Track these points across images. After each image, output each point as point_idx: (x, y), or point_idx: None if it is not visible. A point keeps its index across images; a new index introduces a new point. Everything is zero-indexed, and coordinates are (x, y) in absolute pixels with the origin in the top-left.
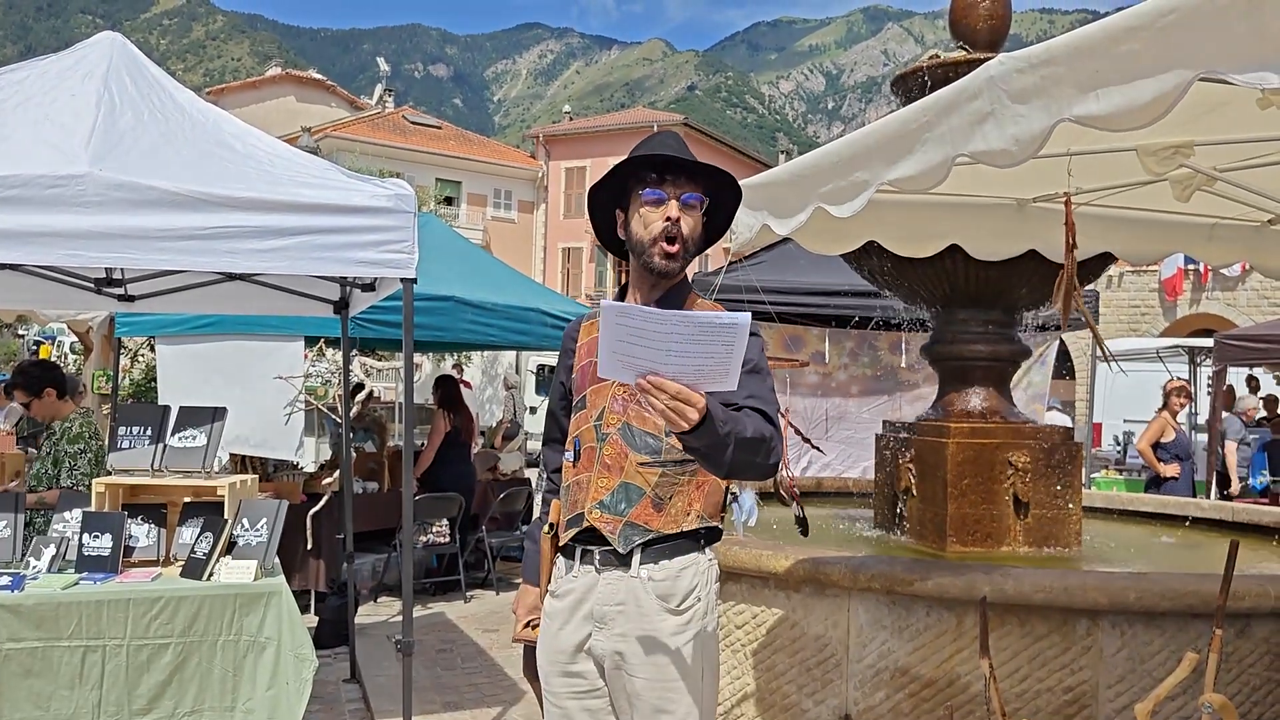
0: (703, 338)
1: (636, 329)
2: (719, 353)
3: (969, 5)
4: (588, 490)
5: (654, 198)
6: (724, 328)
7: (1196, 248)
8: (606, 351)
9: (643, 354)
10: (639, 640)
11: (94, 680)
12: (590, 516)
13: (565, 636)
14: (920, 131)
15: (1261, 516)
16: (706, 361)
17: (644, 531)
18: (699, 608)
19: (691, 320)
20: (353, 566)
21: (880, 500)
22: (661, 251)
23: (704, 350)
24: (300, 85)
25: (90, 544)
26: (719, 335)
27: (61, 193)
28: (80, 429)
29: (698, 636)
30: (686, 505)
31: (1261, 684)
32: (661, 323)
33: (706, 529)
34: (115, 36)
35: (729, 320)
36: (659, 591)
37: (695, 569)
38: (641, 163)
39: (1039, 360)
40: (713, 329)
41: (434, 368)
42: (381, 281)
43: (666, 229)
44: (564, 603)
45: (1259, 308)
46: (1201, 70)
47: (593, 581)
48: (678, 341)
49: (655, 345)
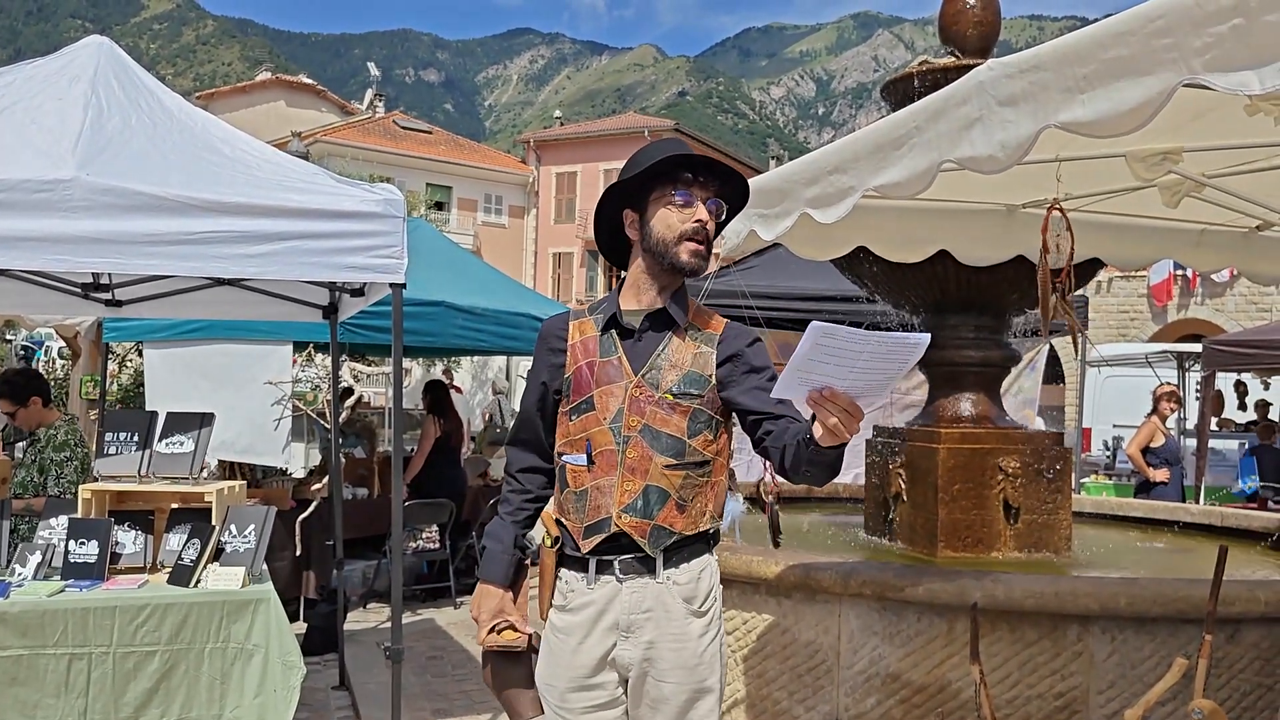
0: (886, 356)
1: (836, 349)
2: (891, 370)
3: (959, 11)
4: (613, 495)
5: (684, 199)
6: (911, 348)
7: (1185, 253)
8: (792, 369)
9: (828, 371)
10: (669, 645)
11: (80, 688)
12: (619, 521)
13: (587, 651)
14: (908, 137)
15: (1250, 521)
16: (877, 378)
17: (669, 534)
18: (716, 608)
19: (887, 340)
20: (342, 573)
21: (871, 506)
22: (690, 250)
23: (882, 367)
24: (290, 90)
25: (76, 551)
26: (900, 354)
27: (48, 197)
28: (66, 436)
29: (717, 637)
30: (703, 506)
31: (1251, 689)
32: (863, 343)
33: (714, 530)
34: (103, 40)
35: (916, 341)
36: (684, 595)
37: (710, 569)
38: (675, 163)
39: (1029, 366)
40: (902, 348)
41: (424, 373)
42: (371, 286)
43: (696, 229)
44: (581, 616)
45: (1247, 313)
46: (1186, 76)
47: (614, 591)
48: (866, 360)
49: (843, 363)
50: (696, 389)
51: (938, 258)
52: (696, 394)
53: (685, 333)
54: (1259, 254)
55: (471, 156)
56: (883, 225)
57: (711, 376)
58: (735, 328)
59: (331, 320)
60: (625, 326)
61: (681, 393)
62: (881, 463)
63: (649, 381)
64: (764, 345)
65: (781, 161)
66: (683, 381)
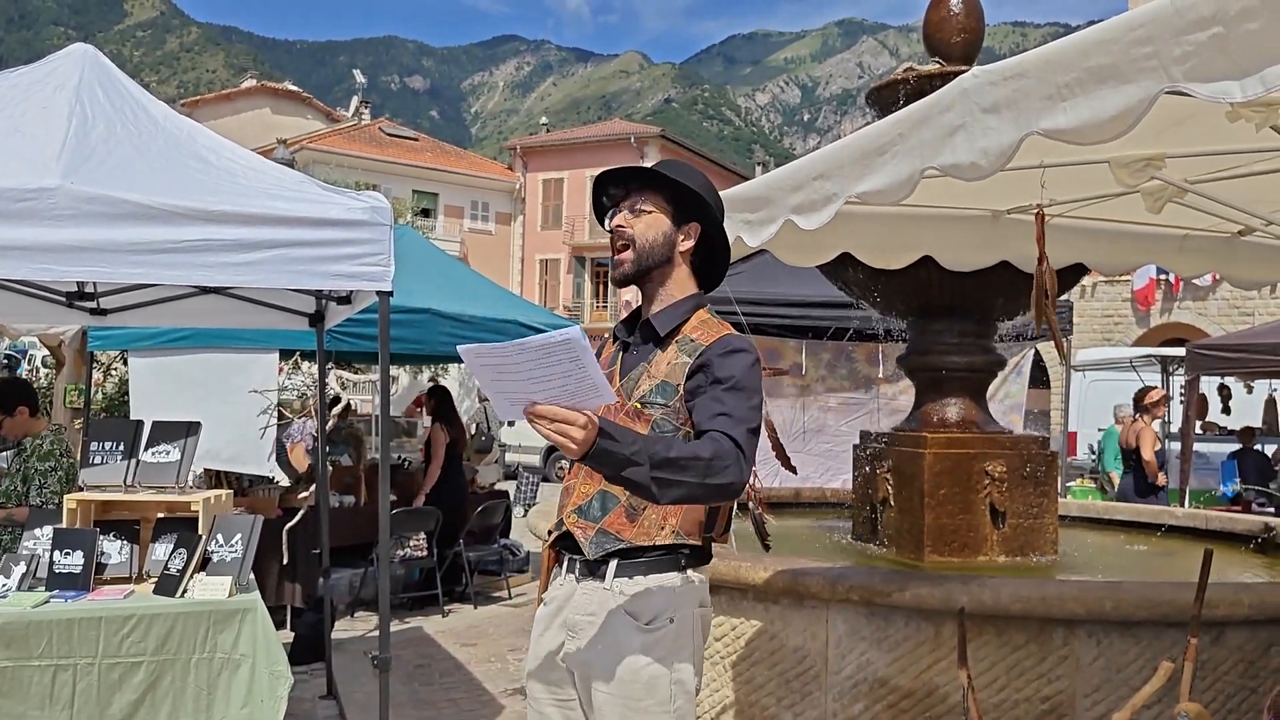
0: (549, 360)
1: (496, 365)
2: (573, 370)
3: (942, 19)
4: (572, 496)
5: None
6: (559, 345)
7: (1168, 259)
8: (490, 394)
9: (514, 387)
10: (605, 654)
11: (65, 700)
12: (568, 521)
13: (544, 643)
14: (891, 144)
15: (1235, 524)
16: (568, 382)
17: (615, 540)
18: (670, 630)
19: (527, 346)
20: (329, 581)
21: (858, 511)
22: (614, 263)
23: (559, 371)
24: (276, 97)
25: (61, 561)
26: (558, 353)
27: (32, 206)
28: (51, 446)
29: (666, 659)
30: (661, 518)
31: (1235, 692)
32: (506, 355)
33: (688, 548)
34: (87, 48)
35: (560, 337)
36: (631, 607)
37: (671, 590)
38: (597, 191)
39: (1015, 370)
40: (549, 348)
41: (411, 380)
42: (357, 294)
43: (613, 238)
44: (547, 609)
45: (1229, 317)
46: (1167, 85)
47: (571, 590)
48: (532, 369)
49: (519, 377)
50: (663, 398)
51: (922, 263)
52: (661, 403)
53: (670, 343)
54: (1241, 259)
55: (458, 163)
56: (868, 231)
57: (680, 386)
58: (725, 338)
59: (318, 328)
60: (620, 339)
61: (647, 401)
62: (868, 468)
63: (625, 390)
64: (749, 356)
65: (767, 168)
66: (653, 391)
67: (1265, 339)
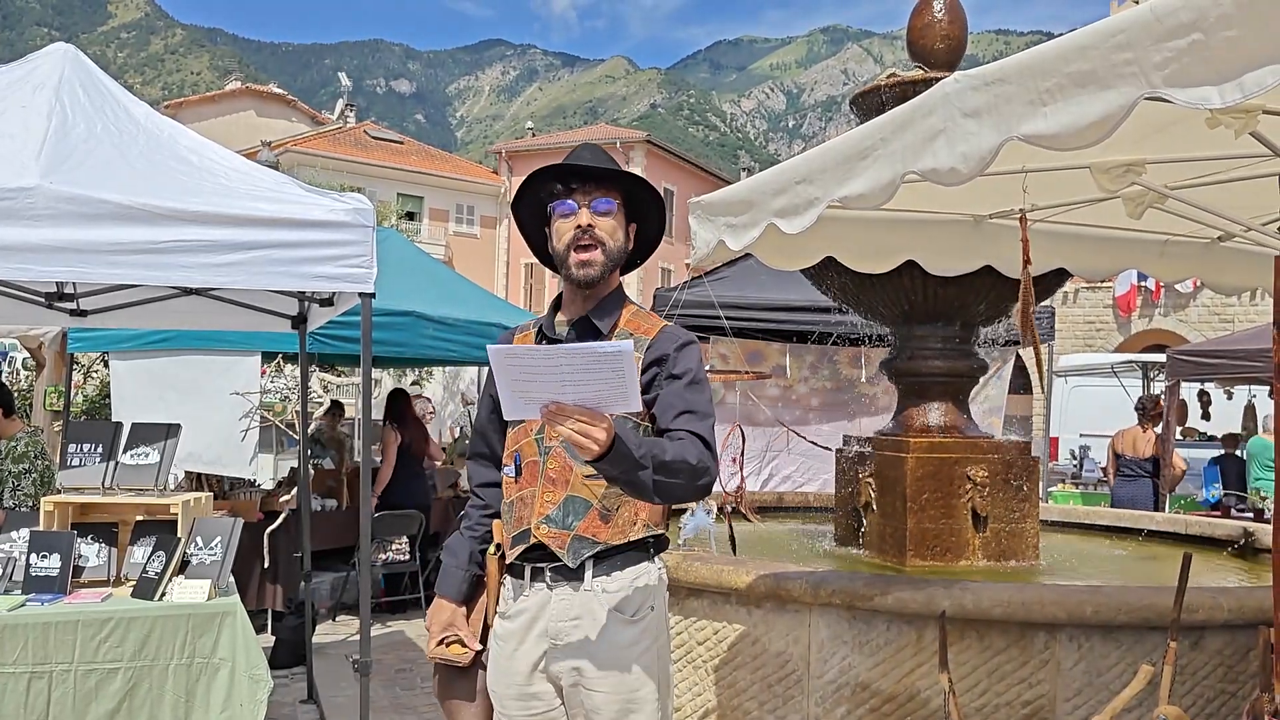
0: (594, 366)
1: (527, 367)
2: (612, 379)
3: (926, 26)
4: (533, 506)
5: (565, 209)
6: (611, 356)
7: (1149, 264)
8: (506, 394)
9: (540, 390)
10: (597, 654)
11: (40, 710)
12: (537, 532)
13: (521, 658)
14: (873, 149)
15: (1214, 529)
16: (603, 389)
17: (592, 544)
18: (653, 617)
19: (577, 353)
20: (310, 585)
21: (841, 515)
22: (577, 261)
23: (597, 378)
24: (261, 99)
25: (38, 564)
26: (606, 362)
27: (11, 205)
28: (26, 448)
29: (653, 647)
30: (633, 515)
31: (1215, 695)
32: (548, 358)
33: (654, 537)
34: (68, 48)
35: (614, 349)
36: (614, 603)
37: (647, 577)
38: (547, 176)
39: (995, 375)
40: (601, 357)
41: (394, 383)
42: (340, 296)
43: (577, 236)
44: (516, 623)
45: (1210, 323)
46: (1147, 90)
47: (545, 599)
48: (569, 373)
49: (549, 380)
50: None
51: (905, 268)
52: None
53: (611, 338)
54: (1221, 265)
55: (443, 166)
56: (850, 235)
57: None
58: (670, 331)
59: (300, 330)
60: (552, 338)
61: None
62: (851, 472)
63: None
64: (697, 348)
65: (752, 173)
66: None
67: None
